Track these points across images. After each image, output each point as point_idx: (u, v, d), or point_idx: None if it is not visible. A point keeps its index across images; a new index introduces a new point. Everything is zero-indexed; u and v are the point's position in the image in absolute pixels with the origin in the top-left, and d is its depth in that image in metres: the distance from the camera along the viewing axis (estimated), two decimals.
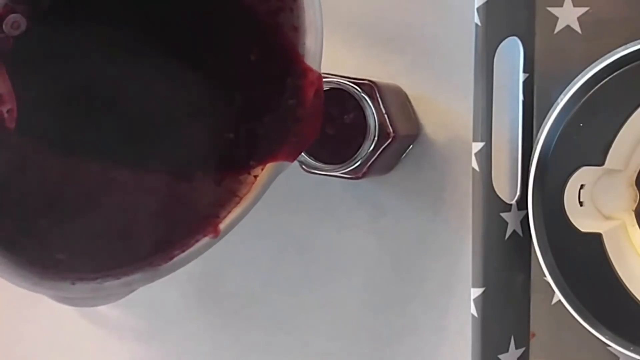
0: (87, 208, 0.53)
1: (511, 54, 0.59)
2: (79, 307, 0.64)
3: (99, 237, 0.53)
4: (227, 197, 0.54)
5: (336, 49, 0.64)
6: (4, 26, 0.50)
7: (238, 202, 0.54)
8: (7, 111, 0.52)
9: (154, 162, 0.55)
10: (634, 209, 0.58)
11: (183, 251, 0.53)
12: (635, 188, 0.58)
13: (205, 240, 0.53)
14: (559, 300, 0.57)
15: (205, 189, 0.54)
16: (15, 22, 0.50)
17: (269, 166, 0.54)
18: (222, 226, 0.53)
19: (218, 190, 0.54)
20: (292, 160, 0.54)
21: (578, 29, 0.59)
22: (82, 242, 0.52)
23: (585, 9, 0.59)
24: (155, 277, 0.53)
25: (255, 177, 0.54)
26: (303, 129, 0.54)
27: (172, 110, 0.56)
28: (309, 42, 0.53)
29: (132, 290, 0.54)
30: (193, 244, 0.53)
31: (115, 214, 0.54)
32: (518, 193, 0.59)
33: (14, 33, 0.50)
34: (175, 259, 0.53)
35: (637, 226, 0.58)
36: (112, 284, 0.52)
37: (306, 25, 0.52)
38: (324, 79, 0.57)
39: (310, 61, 0.53)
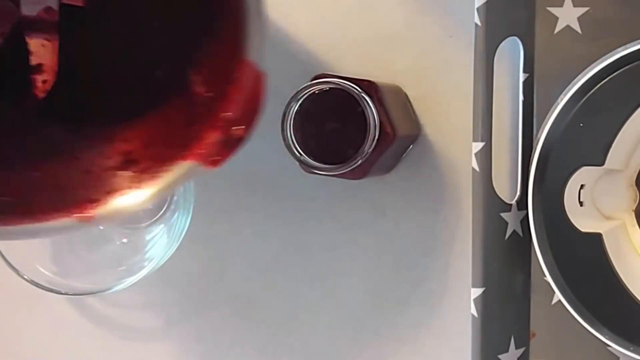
0: None
1: (511, 54, 0.59)
2: None
3: None
4: (118, 185, 0.50)
5: (336, 49, 0.64)
6: None
7: (126, 194, 0.50)
8: (43, 81, 0.51)
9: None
10: (634, 209, 0.58)
11: (39, 222, 0.48)
12: (635, 188, 0.58)
13: (72, 220, 0.48)
14: (559, 300, 0.57)
15: (98, 173, 0.51)
16: None
17: (178, 165, 0.49)
18: (95, 212, 0.49)
19: (110, 176, 0.50)
20: (212, 165, 0.50)
21: (578, 29, 0.59)
22: None
23: (585, 9, 0.59)
24: None
25: (156, 173, 0.50)
26: (226, 132, 0.49)
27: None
28: (251, 28, 0.48)
29: None
30: (54, 219, 0.49)
31: None
32: (518, 193, 0.59)
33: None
34: (22, 226, 0.48)
35: (637, 226, 0.58)
36: None
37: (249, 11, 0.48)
38: (324, 79, 0.58)
39: (251, 52, 0.48)
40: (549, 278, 0.56)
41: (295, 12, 0.65)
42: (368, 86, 0.58)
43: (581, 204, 0.57)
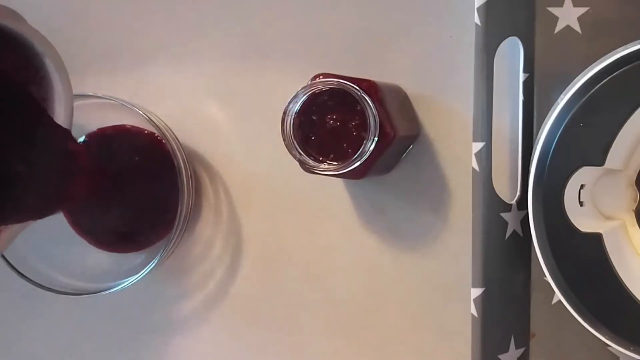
0: None
1: (511, 54, 0.59)
2: None
3: None
4: None
5: (336, 49, 0.64)
6: None
7: None
8: None
9: None
10: (634, 209, 0.58)
11: None
12: (635, 188, 0.58)
13: None
14: (559, 300, 0.56)
15: None
16: None
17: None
18: None
19: None
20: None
21: (578, 29, 0.59)
22: None
23: (585, 9, 0.59)
24: None
25: None
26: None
27: None
28: (58, 110, 0.60)
29: None
30: None
31: None
32: (518, 193, 0.59)
33: None
34: None
35: (637, 226, 0.58)
36: None
37: (55, 97, 0.59)
38: (324, 79, 0.58)
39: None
40: (549, 278, 0.56)
41: (295, 12, 0.65)
42: (368, 86, 0.58)
43: (581, 204, 0.56)
